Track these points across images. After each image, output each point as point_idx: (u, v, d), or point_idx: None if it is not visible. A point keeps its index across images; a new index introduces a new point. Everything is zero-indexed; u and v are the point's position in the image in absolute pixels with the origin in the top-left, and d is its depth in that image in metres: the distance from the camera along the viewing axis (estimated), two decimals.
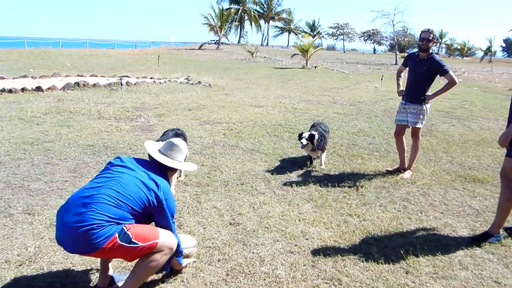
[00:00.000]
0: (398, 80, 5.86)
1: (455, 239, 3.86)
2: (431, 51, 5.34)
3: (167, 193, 2.71)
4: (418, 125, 5.47)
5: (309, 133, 5.77)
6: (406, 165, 5.77)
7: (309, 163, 6.04)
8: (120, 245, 2.45)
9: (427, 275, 3.21)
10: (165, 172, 2.87)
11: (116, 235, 2.44)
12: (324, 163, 5.97)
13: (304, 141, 5.65)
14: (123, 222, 2.49)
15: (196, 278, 3.06)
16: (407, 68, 5.68)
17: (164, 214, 2.69)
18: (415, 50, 5.75)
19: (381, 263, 3.35)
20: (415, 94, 5.45)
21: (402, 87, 5.74)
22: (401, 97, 5.72)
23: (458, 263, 3.40)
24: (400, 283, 3.08)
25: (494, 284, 3.13)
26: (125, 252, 2.52)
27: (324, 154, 6.00)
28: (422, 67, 5.33)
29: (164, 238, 2.65)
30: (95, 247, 2.38)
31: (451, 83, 5.24)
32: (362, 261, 3.38)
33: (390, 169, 5.86)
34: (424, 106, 5.43)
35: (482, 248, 3.69)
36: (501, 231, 3.84)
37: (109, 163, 2.83)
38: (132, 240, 2.49)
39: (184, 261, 3.03)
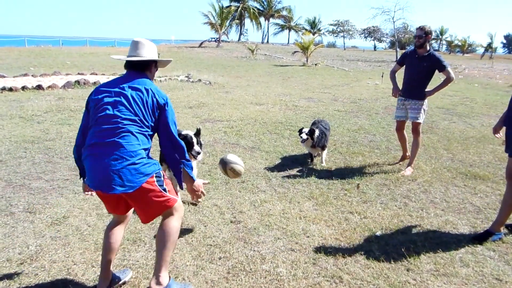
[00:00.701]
0: (394, 80, 5.90)
1: (456, 236, 3.86)
2: (429, 48, 5.45)
3: (160, 92, 2.69)
4: (419, 120, 5.57)
5: (309, 128, 5.78)
6: (409, 158, 5.94)
7: (309, 160, 6.04)
8: (153, 189, 2.54)
9: (428, 272, 3.21)
10: (146, 76, 2.76)
11: (154, 175, 2.55)
12: (325, 161, 5.96)
13: (304, 136, 5.66)
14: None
15: (197, 276, 3.06)
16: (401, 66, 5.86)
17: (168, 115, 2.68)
18: (411, 47, 5.86)
19: (382, 261, 3.35)
20: (415, 89, 5.54)
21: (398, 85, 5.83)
22: (396, 97, 5.85)
23: (459, 260, 3.40)
24: (401, 281, 3.08)
25: (495, 281, 3.13)
26: (151, 202, 2.56)
27: (325, 152, 5.99)
28: (422, 63, 5.42)
29: (179, 200, 2.75)
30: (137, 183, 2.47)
31: (449, 79, 5.41)
32: (363, 259, 3.38)
33: (396, 161, 6.18)
34: (424, 101, 5.55)
35: (483, 245, 3.68)
36: (502, 229, 3.84)
37: (89, 101, 2.69)
38: (164, 187, 2.61)
39: (198, 182, 2.91)
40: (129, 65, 2.75)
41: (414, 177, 5.48)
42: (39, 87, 11.38)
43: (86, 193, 2.87)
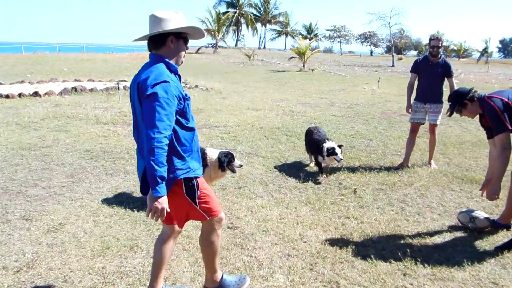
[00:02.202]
0: (409, 96, 6.19)
1: (453, 240, 3.87)
2: (440, 55, 5.94)
3: (155, 80, 2.29)
4: (438, 122, 6.04)
5: (337, 144, 5.62)
6: (427, 160, 6.31)
7: (321, 173, 5.76)
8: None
9: (425, 277, 3.21)
10: (159, 58, 2.43)
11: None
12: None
13: (342, 156, 5.52)
14: None
15: (194, 282, 3.06)
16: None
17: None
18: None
19: (379, 266, 3.36)
20: (435, 94, 5.97)
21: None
22: (409, 113, 6.18)
23: (455, 264, 3.41)
24: (398, 285, 3.08)
25: (492, 285, 3.14)
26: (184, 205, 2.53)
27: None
28: (437, 69, 5.89)
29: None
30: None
31: (453, 88, 5.76)
32: (360, 264, 3.39)
33: (393, 166, 6.22)
34: (443, 104, 5.90)
35: (479, 249, 3.70)
36: None
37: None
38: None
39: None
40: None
41: (411, 182, 5.50)
42: (35, 94, 11.37)
43: None
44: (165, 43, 2.42)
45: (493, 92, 3.89)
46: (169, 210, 2.35)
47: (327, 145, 5.50)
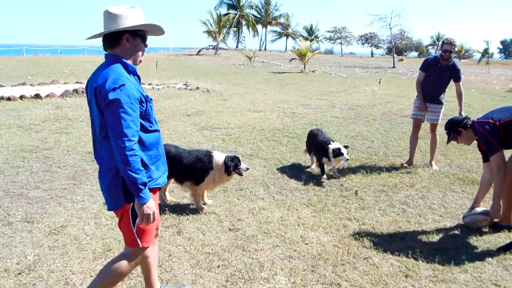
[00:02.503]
0: (421, 94, 6.17)
1: (455, 242, 3.87)
2: (451, 58, 5.97)
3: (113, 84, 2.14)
4: (438, 122, 6.14)
5: (343, 145, 5.61)
6: (428, 161, 6.38)
7: (322, 175, 5.74)
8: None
9: (427, 279, 3.21)
10: (115, 58, 2.27)
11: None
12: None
13: (348, 156, 5.49)
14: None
15: (195, 285, 3.06)
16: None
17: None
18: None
19: (381, 267, 3.35)
20: (436, 95, 6.07)
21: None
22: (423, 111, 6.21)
23: (457, 266, 3.40)
24: (399, 287, 3.08)
25: (494, 287, 3.13)
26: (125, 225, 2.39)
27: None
28: (445, 72, 5.96)
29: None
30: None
31: (461, 92, 5.99)
32: (362, 266, 3.38)
33: (402, 162, 6.42)
34: (442, 105, 6.15)
35: (481, 250, 3.69)
36: None
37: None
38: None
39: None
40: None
41: (412, 183, 5.49)
42: (37, 96, 11.39)
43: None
44: (120, 42, 2.26)
45: (481, 116, 4.07)
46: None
47: (332, 146, 5.49)
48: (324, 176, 5.66)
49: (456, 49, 6.85)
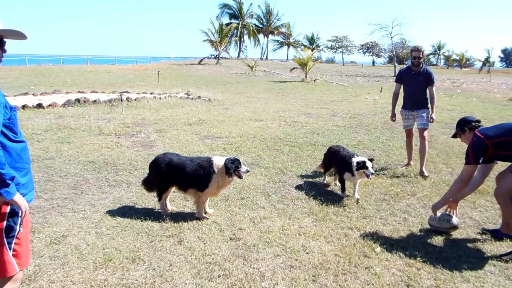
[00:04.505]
0: (394, 105, 6.80)
1: (456, 251, 3.85)
2: (422, 64, 6.41)
3: None
4: (428, 126, 6.39)
5: (368, 158, 5.30)
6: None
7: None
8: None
9: None
10: None
11: None
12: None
13: (373, 170, 5.15)
14: None
15: None
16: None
17: None
18: (406, 66, 6.65)
19: (382, 277, 3.33)
20: (419, 101, 6.40)
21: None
22: (393, 120, 6.96)
23: (459, 275, 3.38)
24: None
25: None
26: None
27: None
28: (419, 78, 6.35)
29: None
30: None
31: (433, 95, 6.35)
32: (363, 275, 3.37)
33: (401, 166, 6.74)
34: (429, 108, 6.40)
35: (483, 260, 3.67)
36: None
37: None
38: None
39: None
40: None
41: (414, 192, 5.48)
42: (39, 105, 11.46)
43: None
44: None
45: (485, 127, 4.20)
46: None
47: (356, 159, 5.15)
48: (345, 192, 5.36)
49: (426, 53, 7.44)
